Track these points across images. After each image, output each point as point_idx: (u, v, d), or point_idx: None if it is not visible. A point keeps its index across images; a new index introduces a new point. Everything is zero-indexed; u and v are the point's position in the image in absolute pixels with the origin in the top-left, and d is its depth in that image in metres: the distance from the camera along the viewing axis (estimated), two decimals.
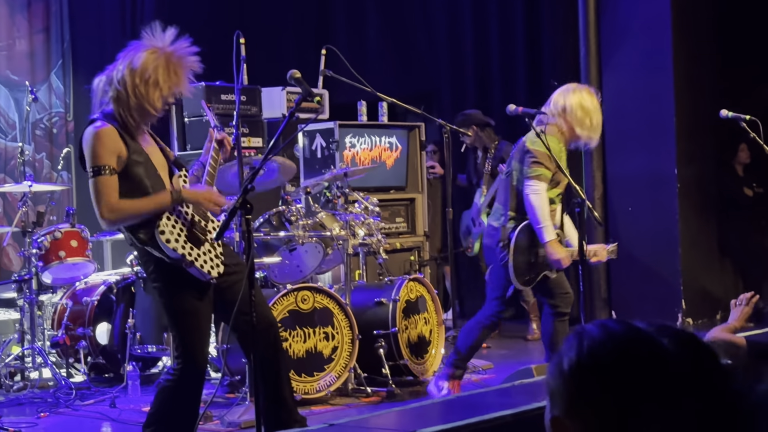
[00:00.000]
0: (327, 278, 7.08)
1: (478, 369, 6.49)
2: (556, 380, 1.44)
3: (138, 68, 4.13)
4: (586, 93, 5.44)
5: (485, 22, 9.32)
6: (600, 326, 1.45)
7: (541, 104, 8.13)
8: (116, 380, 6.26)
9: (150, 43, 4.24)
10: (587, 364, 1.41)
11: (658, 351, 1.40)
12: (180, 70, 4.23)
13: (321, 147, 7.47)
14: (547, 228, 5.25)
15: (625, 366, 1.39)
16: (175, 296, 4.19)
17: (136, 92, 4.09)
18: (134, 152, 4.11)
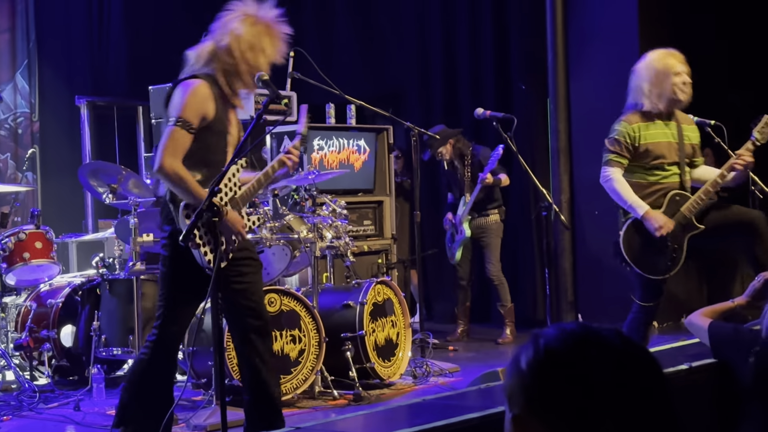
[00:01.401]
0: (294, 281, 7.07)
1: (445, 372, 6.50)
2: (514, 380, 1.46)
3: (243, 35, 4.21)
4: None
5: (453, 25, 9.34)
6: (555, 327, 1.48)
7: (509, 108, 8.18)
8: (81, 383, 6.21)
9: (247, 12, 4.29)
10: (544, 361, 1.43)
11: (610, 348, 1.43)
12: (279, 36, 4.34)
13: None
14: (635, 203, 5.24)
15: (581, 361, 1.41)
16: (174, 267, 4.21)
17: (246, 58, 4.19)
18: (218, 121, 4.18)
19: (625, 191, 5.28)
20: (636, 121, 5.30)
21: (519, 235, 8.93)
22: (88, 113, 8.83)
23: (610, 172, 5.33)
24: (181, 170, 4.07)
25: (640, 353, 1.45)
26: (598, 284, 8.27)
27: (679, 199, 5.30)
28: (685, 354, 4.08)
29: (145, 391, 4.27)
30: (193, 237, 4.04)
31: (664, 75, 5.23)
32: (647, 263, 5.31)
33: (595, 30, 8.32)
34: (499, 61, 9.04)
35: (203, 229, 4.08)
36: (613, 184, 5.32)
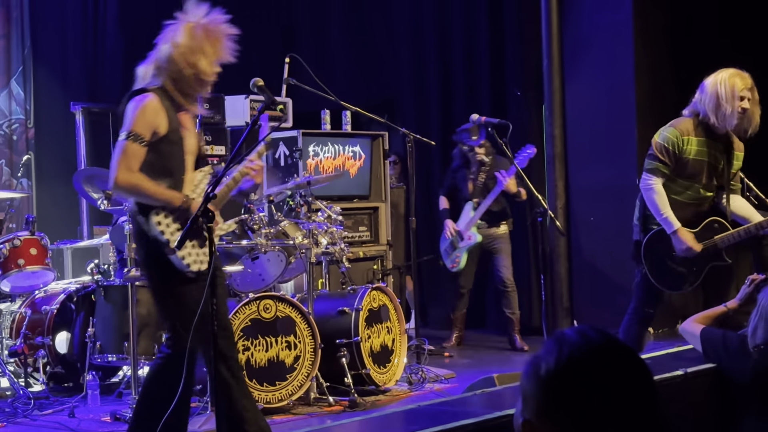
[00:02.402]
0: (289, 287, 7.06)
1: (441, 378, 6.49)
2: (531, 384, 1.45)
3: (182, 41, 4.30)
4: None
5: (449, 31, 9.34)
6: (579, 333, 1.46)
7: (504, 114, 8.18)
8: (76, 390, 6.19)
9: (186, 19, 4.39)
10: (565, 371, 1.42)
11: (634, 361, 1.43)
12: (219, 35, 4.40)
13: (284, 155, 7.46)
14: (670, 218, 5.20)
15: (603, 374, 1.40)
16: (163, 280, 4.23)
17: (188, 63, 4.26)
18: (172, 131, 4.22)
19: (663, 204, 5.22)
20: (687, 132, 5.23)
21: (514, 241, 8.91)
22: (83, 119, 8.81)
23: (653, 181, 5.25)
24: (137, 179, 4.12)
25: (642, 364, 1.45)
26: (594, 290, 8.27)
27: (717, 227, 5.26)
28: (681, 360, 4.09)
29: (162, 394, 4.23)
30: (167, 242, 4.11)
31: (727, 96, 5.13)
32: (662, 274, 5.30)
33: (591, 36, 8.33)
34: (495, 67, 9.05)
35: (176, 234, 4.12)
36: (653, 195, 5.24)
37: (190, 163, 4.33)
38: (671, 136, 5.21)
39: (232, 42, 4.48)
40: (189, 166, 4.32)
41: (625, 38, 8.11)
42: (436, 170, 9.31)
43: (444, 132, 9.22)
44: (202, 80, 4.33)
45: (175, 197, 4.19)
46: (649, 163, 5.27)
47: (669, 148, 5.18)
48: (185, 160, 4.30)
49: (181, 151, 4.28)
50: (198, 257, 4.23)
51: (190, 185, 4.31)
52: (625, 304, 5.61)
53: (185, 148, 4.31)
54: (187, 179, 4.31)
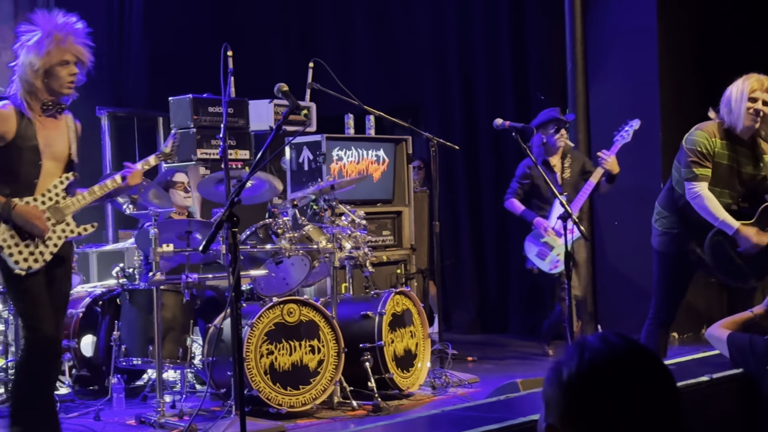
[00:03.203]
0: (313, 291, 7.07)
1: (464, 383, 6.49)
2: (554, 389, 1.45)
3: (33, 47, 4.48)
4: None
5: (471, 35, 9.34)
6: (601, 339, 1.46)
7: (527, 118, 8.16)
8: (101, 393, 6.23)
9: (38, 26, 4.55)
10: (587, 376, 1.42)
11: (657, 367, 1.42)
12: (69, 42, 4.54)
13: (308, 160, 7.48)
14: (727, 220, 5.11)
15: (625, 380, 1.40)
16: (6, 277, 4.57)
17: (36, 71, 4.46)
18: (21, 137, 4.46)
19: (716, 208, 5.12)
20: (713, 134, 5.19)
21: None
22: (109, 124, 8.88)
23: (699, 187, 5.14)
24: None
25: (666, 370, 1.45)
26: (618, 294, 8.25)
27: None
28: (706, 365, 4.06)
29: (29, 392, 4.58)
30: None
31: (737, 97, 5.08)
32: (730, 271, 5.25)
33: (614, 39, 8.31)
34: (518, 71, 9.04)
35: (8, 233, 4.45)
36: (703, 201, 5.13)
37: (49, 169, 4.58)
38: (700, 138, 5.17)
39: (84, 46, 4.63)
40: (46, 172, 4.57)
41: (649, 41, 8.08)
42: (459, 175, 9.31)
43: (467, 136, 9.22)
44: (55, 83, 4.53)
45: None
46: (688, 172, 5.16)
47: (702, 151, 5.14)
48: (40, 166, 4.54)
49: (33, 157, 4.51)
50: (31, 256, 4.52)
51: (43, 189, 4.58)
52: (647, 308, 5.59)
53: (42, 154, 4.53)
54: (41, 184, 4.57)
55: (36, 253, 4.53)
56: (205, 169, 7.71)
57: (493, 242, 9.26)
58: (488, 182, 9.24)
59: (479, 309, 9.36)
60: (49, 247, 4.59)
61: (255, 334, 5.55)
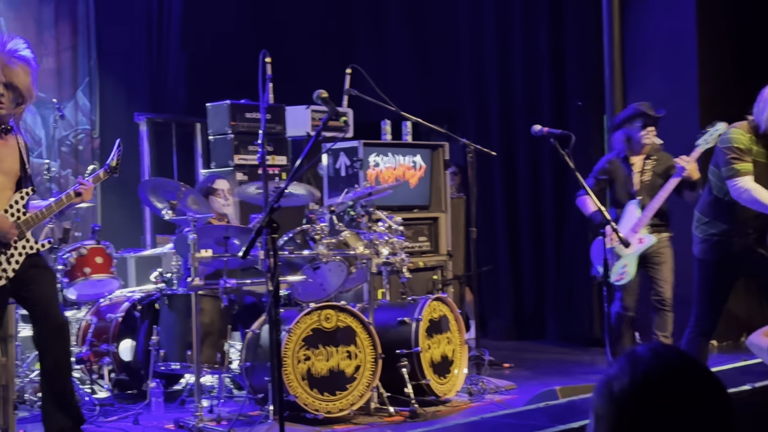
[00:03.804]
0: (350, 297, 7.08)
1: (501, 389, 6.47)
2: (604, 403, 1.44)
3: None
4: None
5: (509, 40, 9.32)
6: (651, 352, 1.45)
7: (565, 124, 8.11)
8: (139, 397, 6.28)
9: None
10: (640, 391, 1.41)
11: (709, 380, 1.41)
12: (10, 64, 4.73)
13: (345, 166, 7.49)
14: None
15: (678, 395, 1.39)
16: None
17: None
18: None
19: (766, 196, 5.03)
20: (748, 131, 5.15)
21: (575, 253, 8.86)
22: (147, 130, 8.95)
23: (743, 182, 5.06)
24: None
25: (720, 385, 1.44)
26: None
27: None
28: (748, 374, 4.03)
29: None
30: None
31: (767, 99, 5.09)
32: None
33: (653, 43, 8.26)
34: (555, 76, 9.01)
35: None
36: (751, 194, 5.04)
37: (4, 184, 4.82)
38: (736, 135, 5.14)
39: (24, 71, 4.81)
40: (1, 187, 4.81)
41: (688, 46, 8.03)
42: (496, 181, 9.29)
43: (504, 142, 9.20)
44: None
45: None
46: (729, 170, 5.11)
47: (739, 147, 5.09)
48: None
49: None
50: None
51: (3, 204, 4.80)
52: (688, 316, 5.55)
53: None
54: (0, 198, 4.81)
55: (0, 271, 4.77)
56: (243, 175, 7.75)
57: (529, 248, 9.23)
58: (525, 188, 9.22)
59: (516, 315, 9.33)
60: (11, 264, 4.82)
61: (292, 340, 5.57)
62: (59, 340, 4.98)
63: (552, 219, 9.05)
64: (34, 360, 6.69)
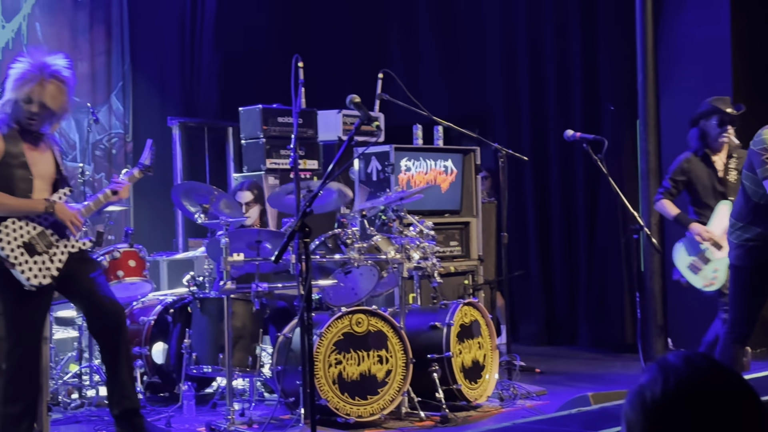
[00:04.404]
0: (381, 301, 7.08)
1: (533, 395, 6.44)
2: (636, 412, 1.43)
3: (13, 81, 4.81)
4: None
5: (541, 45, 9.30)
6: (684, 360, 1.44)
7: (597, 129, 8.07)
8: (172, 399, 6.31)
9: (27, 60, 4.86)
10: (672, 401, 1.40)
11: (743, 390, 1.40)
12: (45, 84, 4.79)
13: (376, 170, 7.50)
14: None
15: (711, 404, 1.38)
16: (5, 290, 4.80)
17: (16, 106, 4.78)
18: (10, 155, 4.79)
19: None
20: None
21: (606, 258, 8.82)
22: (180, 134, 9.01)
23: None
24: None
25: (754, 393, 1.43)
26: (689, 308, 8.11)
27: None
28: None
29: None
30: (7, 257, 4.71)
31: None
32: None
33: (687, 49, 8.21)
34: (587, 81, 8.97)
35: (18, 250, 4.72)
36: None
37: (39, 186, 4.88)
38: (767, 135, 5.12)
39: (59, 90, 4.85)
40: (38, 189, 4.88)
41: (722, 52, 7.97)
42: (527, 185, 9.27)
43: (536, 147, 9.17)
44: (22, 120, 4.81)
45: (38, 205, 4.82)
46: (765, 170, 5.03)
47: None
48: (32, 183, 4.85)
49: (26, 173, 4.83)
50: (40, 271, 4.79)
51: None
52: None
53: (33, 173, 4.85)
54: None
55: (44, 269, 4.81)
56: (274, 179, 7.79)
57: (561, 253, 9.19)
58: (556, 193, 9.18)
59: (547, 320, 9.30)
60: (54, 262, 4.87)
61: (323, 344, 5.58)
62: (115, 330, 5.10)
63: (584, 224, 9.01)
64: (67, 362, 6.76)
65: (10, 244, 4.75)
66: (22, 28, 8.53)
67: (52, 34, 8.74)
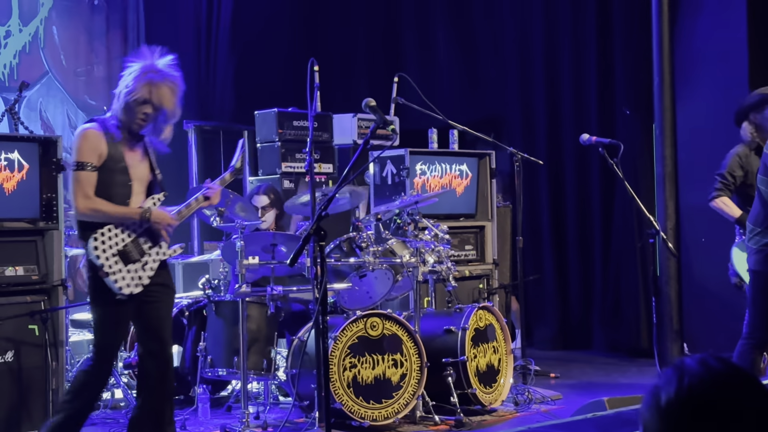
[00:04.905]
0: (396, 305, 7.08)
1: (548, 399, 6.43)
2: (652, 414, 1.43)
3: (126, 84, 4.66)
4: None
5: (556, 49, 9.29)
6: (700, 362, 1.44)
7: (613, 133, 8.05)
8: (187, 402, 6.32)
9: (137, 67, 4.71)
10: (686, 402, 1.40)
11: (759, 392, 1.39)
12: (159, 85, 4.69)
13: (391, 174, 7.51)
14: None
15: (726, 406, 1.38)
16: (97, 299, 4.65)
17: (129, 108, 4.63)
18: (112, 159, 4.64)
19: None
20: None
21: (622, 262, 8.80)
22: (196, 137, 9.03)
23: None
24: (97, 201, 4.58)
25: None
26: (705, 312, 8.09)
27: None
28: None
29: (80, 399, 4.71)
30: (102, 266, 4.54)
31: None
32: None
33: (704, 53, 8.18)
34: (603, 85, 8.96)
35: (113, 258, 4.56)
36: None
37: (137, 190, 4.73)
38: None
39: (171, 91, 4.76)
40: (136, 192, 4.72)
41: (739, 56, 7.94)
42: (542, 190, 9.25)
43: (551, 151, 9.16)
44: (132, 122, 4.66)
45: (135, 212, 4.65)
46: None
47: None
48: (131, 186, 4.69)
49: (125, 177, 4.68)
50: (132, 280, 4.62)
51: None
52: (737, 328, 5.47)
53: (131, 176, 4.70)
54: (133, 204, 4.70)
55: (136, 278, 4.64)
56: (289, 183, 7.80)
57: (576, 257, 9.17)
58: (572, 198, 9.17)
59: (562, 325, 9.27)
60: (146, 271, 4.69)
61: (338, 348, 5.59)
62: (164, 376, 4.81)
63: (599, 228, 8.99)
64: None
65: (105, 253, 4.57)
66: (39, 31, 8.57)
67: (69, 38, 8.78)
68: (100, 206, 4.58)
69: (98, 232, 4.58)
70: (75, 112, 8.79)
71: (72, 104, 8.79)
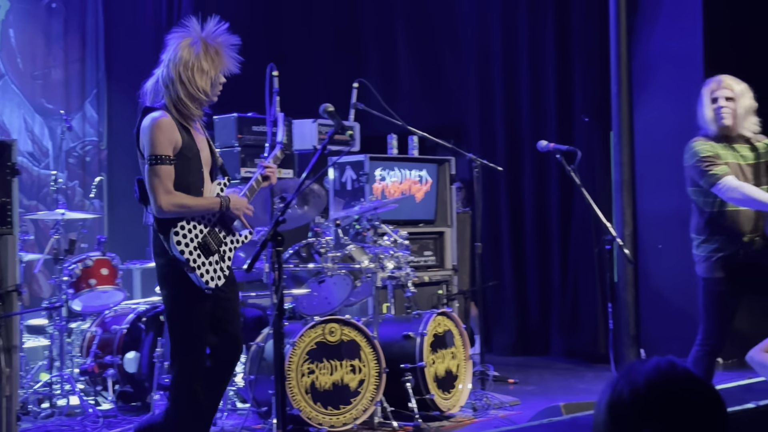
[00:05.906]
0: (354, 311, 7.08)
1: (505, 405, 6.46)
2: (602, 415, 1.45)
3: (180, 59, 4.34)
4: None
5: (515, 56, 9.34)
6: (652, 366, 1.45)
7: (571, 140, 8.11)
8: (143, 409, 6.27)
9: (185, 34, 4.43)
10: (635, 403, 1.41)
11: (709, 395, 1.41)
12: (219, 51, 4.45)
13: (351, 179, 7.51)
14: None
15: (676, 408, 1.39)
16: (180, 302, 4.34)
17: (184, 81, 4.29)
18: (186, 147, 4.29)
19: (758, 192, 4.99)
20: (707, 141, 5.21)
21: (580, 269, 8.86)
22: None
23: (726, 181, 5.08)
24: (178, 199, 4.24)
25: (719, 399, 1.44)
26: (662, 319, 8.17)
27: None
28: (752, 392, 4.01)
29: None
30: (187, 261, 4.23)
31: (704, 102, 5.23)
32: None
33: (660, 60, 8.27)
34: (561, 92, 9.02)
35: (196, 252, 4.26)
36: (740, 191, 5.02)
37: (207, 176, 4.42)
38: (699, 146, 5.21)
39: (233, 53, 4.54)
40: (206, 179, 4.41)
41: (694, 64, 8.03)
42: (501, 196, 9.29)
43: (510, 158, 9.20)
44: (199, 98, 4.36)
45: (215, 202, 4.34)
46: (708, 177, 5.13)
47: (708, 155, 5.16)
48: (203, 174, 4.38)
49: (198, 164, 4.36)
50: (215, 273, 4.34)
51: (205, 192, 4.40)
52: (693, 333, 5.53)
53: (203, 161, 4.39)
54: (206, 192, 4.39)
55: (218, 270, 4.36)
56: None
57: (534, 264, 9.22)
58: (530, 204, 9.21)
59: (520, 331, 9.32)
60: (225, 261, 4.41)
61: (296, 353, 5.57)
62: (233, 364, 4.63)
63: (557, 234, 9.05)
64: (38, 371, 6.71)
65: (188, 247, 4.24)
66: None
67: (26, 41, 8.70)
68: (183, 200, 4.24)
69: (178, 226, 4.24)
70: (32, 116, 8.71)
71: (29, 108, 8.71)
